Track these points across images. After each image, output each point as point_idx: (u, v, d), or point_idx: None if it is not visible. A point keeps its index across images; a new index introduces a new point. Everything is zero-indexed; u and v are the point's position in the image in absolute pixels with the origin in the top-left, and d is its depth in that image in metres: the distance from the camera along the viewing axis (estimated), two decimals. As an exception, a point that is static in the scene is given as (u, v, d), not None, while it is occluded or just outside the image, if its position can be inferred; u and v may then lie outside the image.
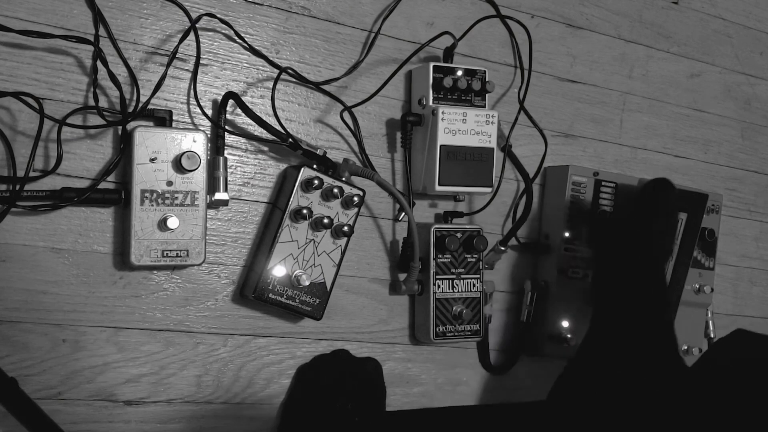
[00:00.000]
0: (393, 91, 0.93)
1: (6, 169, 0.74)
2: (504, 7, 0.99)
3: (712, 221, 1.10)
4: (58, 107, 0.76)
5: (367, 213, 0.92)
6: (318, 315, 0.84)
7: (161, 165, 0.76)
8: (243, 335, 0.85)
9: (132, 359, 0.80)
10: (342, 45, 0.90)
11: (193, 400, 0.82)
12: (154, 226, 0.76)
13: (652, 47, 1.13)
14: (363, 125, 0.91)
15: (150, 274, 0.80)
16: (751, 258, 1.22)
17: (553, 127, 1.04)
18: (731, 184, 1.20)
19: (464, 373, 0.98)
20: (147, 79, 0.79)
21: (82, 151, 0.77)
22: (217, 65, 0.84)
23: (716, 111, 1.19)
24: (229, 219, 0.84)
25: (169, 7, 0.80)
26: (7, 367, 0.73)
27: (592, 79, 1.08)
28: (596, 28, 1.08)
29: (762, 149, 1.23)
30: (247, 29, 0.85)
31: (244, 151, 0.85)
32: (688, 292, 1.07)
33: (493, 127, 0.92)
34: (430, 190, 0.90)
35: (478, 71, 0.92)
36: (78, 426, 0.77)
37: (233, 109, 0.83)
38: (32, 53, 0.75)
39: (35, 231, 0.75)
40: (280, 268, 0.81)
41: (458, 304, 0.92)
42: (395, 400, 0.93)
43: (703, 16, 1.18)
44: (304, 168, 0.82)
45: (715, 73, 1.19)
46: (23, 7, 0.74)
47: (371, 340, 0.92)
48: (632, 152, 1.11)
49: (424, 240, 0.90)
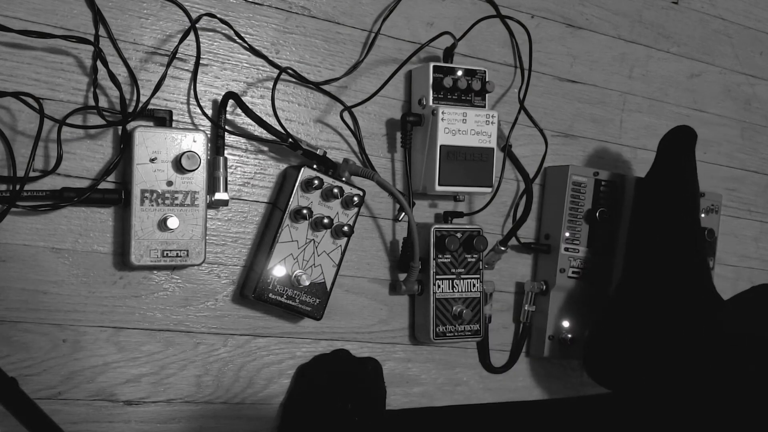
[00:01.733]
0: (393, 91, 0.93)
1: (6, 169, 0.74)
2: (504, 7, 0.99)
3: (712, 221, 1.10)
4: (58, 107, 0.76)
5: (367, 213, 0.92)
6: (318, 315, 0.84)
7: (161, 165, 0.76)
8: (243, 335, 0.85)
9: (132, 359, 0.80)
10: (342, 45, 0.90)
11: (193, 400, 0.82)
12: (154, 226, 0.76)
13: (652, 47, 1.13)
14: (363, 125, 0.91)
15: (150, 274, 0.80)
16: (751, 258, 1.22)
17: (553, 127, 1.04)
18: (731, 184, 1.20)
19: (464, 373, 0.98)
20: (147, 79, 0.79)
21: (82, 151, 0.77)
22: (217, 65, 0.84)
23: (716, 111, 1.19)
24: (229, 219, 0.84)
25: (169, 7, 0.80)
26: (7, 367, 0.73)
27: (592, 79, 1.08)
28: (596, 28, 1.08)
29: (762, 149, 1.23)
30: (247, 29, 0.85)
31: (244, 151, 0.85)
32: (688, 292, 1.07)
33: (493, 127, 0.92)
34: (430, 190, 0.90)
35: (478, 71, 0.92)
36: (78, 426, 0.77)
37: (233, 109, 0.83)
38: (32, 53, 0.75)
39: (35, 231, 0.75)
40: (280, 268, 0.82)
41: (458, 304, 0.92)
42: (395, 400, 0.93)
43: (703, 16, 1.18)
44: (304, 168, 0.82)
45: (715, 73, 1.19)
46: (23, 7, 0.74)
47: (371, 340, 0.92)
48: (632, 152, 1.11)
49: (424, 240, 0.90)
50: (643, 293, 0.93)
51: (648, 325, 0.89)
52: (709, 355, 0.79)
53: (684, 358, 0.81)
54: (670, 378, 0.80)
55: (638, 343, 0.88)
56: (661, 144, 0.99)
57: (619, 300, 0.95)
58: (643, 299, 0.92)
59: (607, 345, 0.93)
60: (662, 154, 0.98)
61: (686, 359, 0.81)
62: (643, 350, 0.87)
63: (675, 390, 0.77)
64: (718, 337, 0.81)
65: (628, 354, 0.89)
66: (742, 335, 0.80)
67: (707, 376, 0.76)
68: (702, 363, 0.79)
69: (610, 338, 0.92)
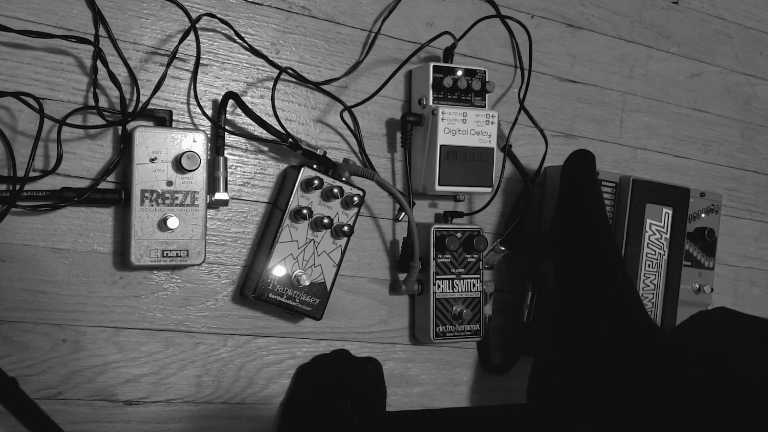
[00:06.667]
0: (393, 91, 0.93)
1: (6, 169, 0.74)
2: (504, 7, 0.99)
3: (712, 221, 1.10)
4: (58, 107, 0.76)
5: (367, 213, 0.92)
6: (318, 315, 0.84)
7: (161, 165, 0.76)
8: (243, 335, 0.85)
9: (132, 359, 0.80)
10: (342, 45, 0.90)
11: (193, 400, 0.82)
12: (154, 226, 0.76)
13: (652, 47, 1.13)
14: (363, 125, 0.91)
15: (150, 274, 0.80)
16: (751, 258, 1.22)
17: (553, 127, 1.04)
18: (731, 184, 1.20)
19: (464, 373, 0.98)
20: (147, 79, 0.79)
21: (82, 151, 0.77)
22: (217, 65, 0.84)
23: (716, 111, 1.19)
24: (229, 219, 0.84)
25: (169, 7, 0.80)
26: (7, 367, 0.73)
27: (592, 79, 1.08)
28: (596, 28, 1.08)
29: (762, 149, 1.23)
30: (247, 29, 0.85)
31: (244, 151, 0.85)
32: (688, 292, 1.07)
33: (493, 127, 0.92)
34: (430, 190, 0.90)
35: (478, 71, 0.92)
36: (78, 426, 0.77)
37: (233, 109, 0.83)
38: (32, 53, 0.75)
39: (35, 231, 0.75)
40: (280, 268, 0.82)
41: (458, 304, 0.92)
42: (395, 400, 0.93)
43: (703, 16, 1.18)
44: (304, 168, 0.82)
45: (715, 73, 1.19)
46: (23, 7, 0.74)
47: (371, 340, 0.92)
48: (632, 152, 1.11)
49: (424, 240, 0.90)
50: (570, 323, 0.88)
51: (577, 357, 0.85)
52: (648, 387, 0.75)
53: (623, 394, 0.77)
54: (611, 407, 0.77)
55: (572, 374, 0.84)
56: (561, 174, 0.95)
57: (553, 330, 0.91)
58: (571, 329, 0.88)
59: (545, 376, 0.88)
60: (565, 185, 0.94)
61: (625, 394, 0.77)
62: (578, 382, 0.82)
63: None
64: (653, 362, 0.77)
65: (566, 386, 0.84)
66: (681, 351, 0.77)
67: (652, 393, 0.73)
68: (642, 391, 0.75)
69: (547, 369, 0.88)
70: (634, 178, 1.00)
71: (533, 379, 0.88)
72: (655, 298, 1.03)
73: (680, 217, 1.04)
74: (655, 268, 1.03)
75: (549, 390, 0.85)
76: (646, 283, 1.02)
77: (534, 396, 0.87)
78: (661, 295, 1.03)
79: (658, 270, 1.03)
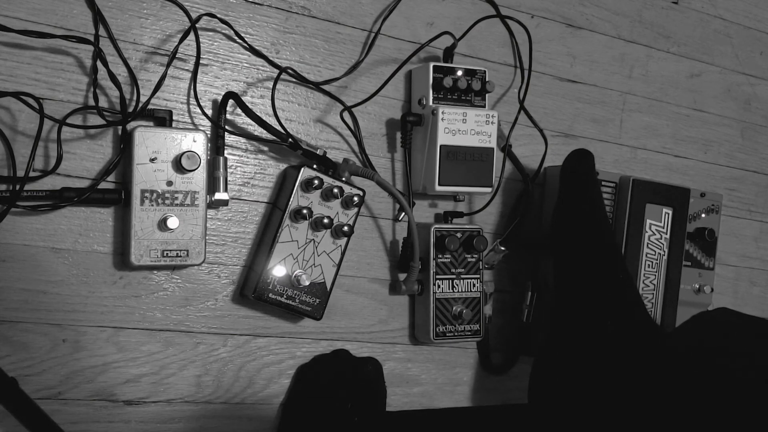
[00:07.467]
0: (393, 91, 0.93)
1: (6, 169, 0.74)
2: (504, 7, 0.99)
3: (712, 221, 1.10)
4: (58, 107, 0.76)
5: (367, 213, 0.92)
6: (318, 315, 0.84)
7: (161, 165, 0.76)
8: (243, 335, 0.85)
9: (132, 359, 0.80)
10: (342, 45, 0.90)
11: (193, 400, 0.82)
12: (154, 226, 0.76)
13: (652, 47, 1.13)
14: (363, 125, 0.91)
15: (150, 274, 0.80)
16: (751, 258, 1.22)
17: (553, 127, 1.04)
18: (731, 184, 1.20)
19: (464, 373, 0.98)
20: (147, 79, 0.79)
21: (82, 151, 0.77)
22: (217, 65, 0.84)
23: (716, 111, 1.19)
24: (229, 219, 0.84)
25: (169, 7, 0.80)
26: (7, 367, 0.73)
27: (592, 79, 1.08)
28: (596, 28, 1.08)
29: (762, 149, 1.23)
30: (247, 29, 0.85)
31: (244, 151, 0.85)
32: (688, 292, 1.07)
33: (493, 127, 0.92)
34: (430, 190, 0.90)
35: (478, 71, 0.92)
36: (78, 426, 0.77)
37: (233, 109, 0.83)
38: (32, 53, 0.75)
39: (35, 231, 0.75)
40: (280, 268, 0.82)
41: (458, 304, 0.92)
42: (395, 400, 0.93)
43: (703, 16, 1.18)
44: (304, 168, 0.82)
45: (715, 73, 1.19)
46: (23, 7, 0.74)
47: (371, 340, 0.92)
48: (632, 152, 1.11)
49: (424, 240, 0.90)
50: (571, 323, 0.88)
51: (577, 358, 0.85)
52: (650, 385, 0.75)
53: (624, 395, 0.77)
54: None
55: (572, 375, 0.83)
56: (561, 174, 0.95)
57: (553, 329, 0.90)
58: (571, 329, 0.87)
59: (546, 376, 0.87)
60: (564, 184, 0.94)
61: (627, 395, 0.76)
62: (578, 382, 0.82)
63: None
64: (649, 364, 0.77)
65: (566, 387, 0.84)
66: (680, 357, 0.76)
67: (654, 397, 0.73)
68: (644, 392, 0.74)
69: (548, 368, 0.87)
70: (634, 178, 1.00)
71: (533, 379, 0.88)
72: (655, 299, 1.03)
73: (680, 217, 1.05)
74: (655, 269, 1.03)
75: (549, 390, 0.85)
76: (646, 283, 1.02)
77: (534, 396, 0.87)
78: (661, 295, 1.03)
79: (658, 270, 1.03)
